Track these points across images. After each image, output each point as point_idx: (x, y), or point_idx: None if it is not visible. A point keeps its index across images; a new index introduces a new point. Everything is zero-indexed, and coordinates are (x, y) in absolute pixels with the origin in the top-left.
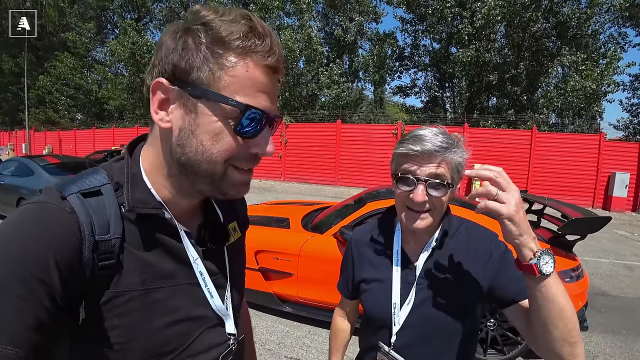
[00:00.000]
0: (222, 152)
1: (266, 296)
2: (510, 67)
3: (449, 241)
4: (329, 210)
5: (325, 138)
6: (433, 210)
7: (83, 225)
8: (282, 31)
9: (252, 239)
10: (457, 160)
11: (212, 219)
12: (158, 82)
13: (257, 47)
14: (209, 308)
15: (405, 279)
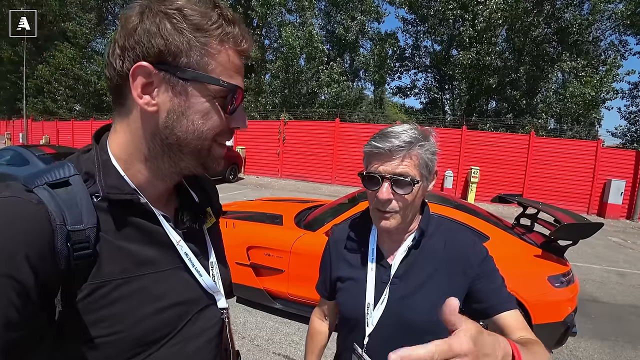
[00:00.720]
0: (211, 130)
1: (257, 292)
2: (511, 71)
3: (426, 242)
4: (323, 209)
5: (323, 136)
6: (401, 208)
7: (53, 215)
8: (283, 28)
9: (245, 235)
10: (424, 154)
11: (187, 202)
12: (140, 66)
13: (232, 35)
14: (198, 289)
15: (380, 278)
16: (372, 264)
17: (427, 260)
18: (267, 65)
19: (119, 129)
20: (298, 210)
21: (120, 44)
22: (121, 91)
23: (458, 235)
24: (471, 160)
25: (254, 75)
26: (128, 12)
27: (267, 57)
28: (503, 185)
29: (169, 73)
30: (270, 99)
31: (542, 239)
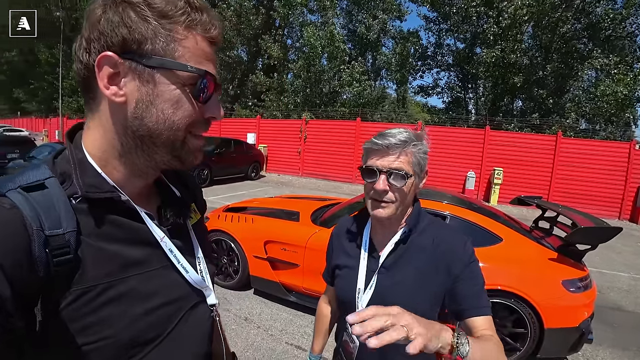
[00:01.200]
0: (183, 119)
1: (273, 285)
2: (537, 69)
3: (414, 237)
4: (339, 206)
5: (344, 135)
6: (395, 200)
7: (28, 220)
8: (305, 28)
9: (262, 230)
10: (417, 153)
11: (170, 199)
12: (105, 56)
13: (199, 20)
14: (187, 287)
15: (370, 267)
16: (365, 254)
17: (414, 255)
18: (289, 65)
19: (92, 125)
20: (315, 207)
21: (85, 37)
22: (90, 85)
23: (448, 234)
24: (494, 161)
25: (277, 75)
26: (92, 4)
27: (289, 57)
28: (527, 187)
29: (135, 61)
30: (292, 98)
31: (559, 243)
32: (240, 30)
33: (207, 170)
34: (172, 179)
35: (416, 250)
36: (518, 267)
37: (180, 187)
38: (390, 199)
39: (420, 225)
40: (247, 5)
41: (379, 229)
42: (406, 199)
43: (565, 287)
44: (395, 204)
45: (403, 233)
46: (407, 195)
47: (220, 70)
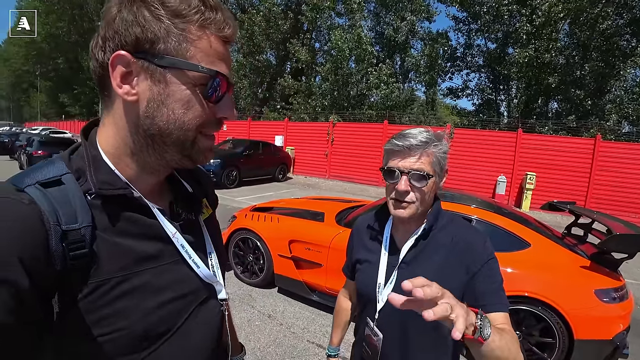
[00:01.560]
0: (194, 120)
1: (296, 283)
2: (575, 69)
3: (435, 234)
4: (364, 208)
5: (371, 138)
6: (416, 200)
7: (46, 215)
8: (332, 31)
9: (287, 229)
10: (437, 153)
11: (182, 194)
12: (118, 55)
13: (213, 19)
14: (197, 282)
15: (391, 262)
16: (385, 250)
17: (434, 251)
18: (317, 68)
19: (106, 122)
20: (340, 208)
21: (101, 35)
22: (105, 83)
23: (468, 232)
24: (527, 165)
25: (304, 78)
26: (109, 3)
27: (317, 60)
28: (562, 193)
29: (147, 61)
30: (319, 101)
31: (593, 250)
32: (269, 34)
33: (236, 171)
34: (184, 174)
35: (436, 246)
36: (547, 274)
37: (192, 182)
38: (411, 199)
39: (440, 222)
40: (275, 10)
41: (400, 226)
42: (427, 198)
43: (599, 297)
44: (416, 204)
45: (423, 230)
46: (427, 195)
47: (250, 74)
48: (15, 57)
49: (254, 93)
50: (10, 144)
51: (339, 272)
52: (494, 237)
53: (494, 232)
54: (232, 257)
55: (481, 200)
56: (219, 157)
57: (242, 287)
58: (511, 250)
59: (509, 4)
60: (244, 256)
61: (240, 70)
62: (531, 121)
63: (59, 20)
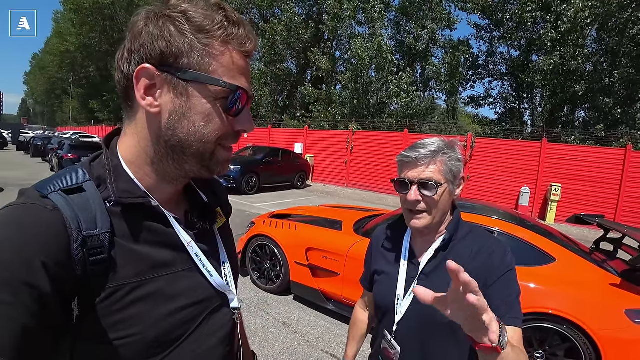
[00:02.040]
0: (213, 132)
1: (312, 292)
2: (603, 76)
3: (454, 245)
4: (383, 218)
5: (391, 147)
6: (430, 210)
7: (69, 221)
8: (353, 40)
9: (305, 237)
10: (448, 161)
11: (197, 203)
12: (143, 68)
13: (235, 35)
14: (210, 290)
15: (410, 274)
16: (405, 261)
17: (455, 259)
18: (337, 76)
19: (128, 132)
20: (358, 217)
21: (127, 48)
22: (129, 94)
23: (489, 242)
24: (552, 176)
25: (325, 87)
26: (136, 17)
27: (337, 69)
28: (589, 205)
29: (171, 74)
30: (339, 110)
31: (624, 267)
32: (290, 43)
33: (256, 178)
34: (200, 184)
35: (456, 257)
36: (572, 291)
37: (207, 192)
38: (423, 208)
39: (460, 233)
40: (297, 20)
41: (418, 237)
42: (440, 207)
43: (630, 318)
44: (429, 213)
45: (443, 240)
46: (441, 204)
47: (271, 82)
48: (50, 65)
49: (274, 101)
50: (43, 147)
51: (355, 282)
52: (516, 251)
53: (516, 245)
54: (250, 263)
55: (503, 211)
56: (239, 164)
57: (258, 293)
58: (534, 264)
59: (533, 10)
60: (261, 262)
61: (261, 79)
62: (557, 130)
63: (92, 31)
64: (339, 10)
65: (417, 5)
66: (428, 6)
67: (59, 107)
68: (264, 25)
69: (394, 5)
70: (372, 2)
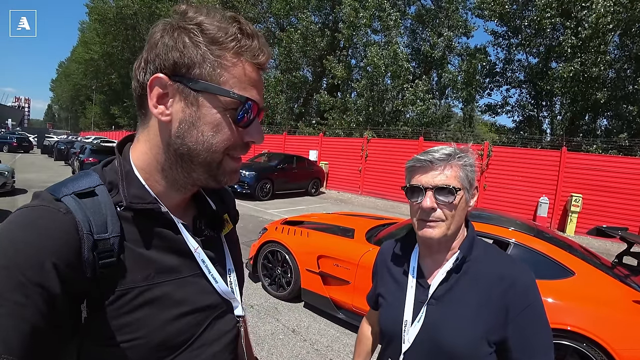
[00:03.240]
0: (221, 142)
1: (323, 300)
2: (626, 83)
3: (469, 267)
4: (396, 226)
5: (406, 155)
6: (445, 218)
7: (80, 224)
8: (368, 48)
9: (317, 244)
10: (463, 166)
11: (205, 210)
12: (157, 77)
13: (249, 47)
14: (216, 296)
15: (418, 297)
16: (413, 282)
17: (469, 287)
18: (352, 84)
19: (141, 139)
20: (371, 225)
21: (144, 57)
22: (143, 102)
23: (510, 266)
24: (572, 186)
25: (340, 94)
26: (153, 28)
27: (352, 76)
28: (612, 217)
29: (183, 84)
30: (354, 117)
31: None
32: (306, 51)
33: (270, 184)
34: (208, 191)
35: (471, 281)
36: (593, 307)
37: (215, 199)
38: (439, 217)
39: (475, 252)
40: (313, 28)
41: (427, 254)
42: (457, 217)
43: None
44: (445, 222)
45: (455, 260)
46: (457, 213)
47: (286, 89)
48: (75, 72)
49: (290, 108)
50: (66, 150)
51: (366, 291)
52: (533, 264)
53: (533, 258)
54: (261, 269)
55: (520, 222)
56: (254, 170)
57: (268, 300)
58: (552, 278)
59: (552, 16)
60: (272, 269)
61: (277, 86)
62: (577, 139)
63: (115, 40)
64: (354, 19)
65: (434, 12)
66: (444, 14)
67: (82, 113)
68: (280, 33)
69: (410, 13)
70: (388, 10)
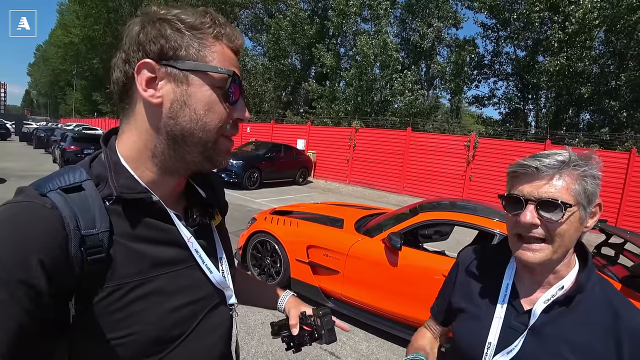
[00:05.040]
0: (214, 120)
1: (312, 289)
2: (609, 79)
3: (580, 301)
4: (384, 217)
5: (394, 145)
6: (550, 240)
7: (67, 220)
8: (358, 37)
9: (306, 234)
10: (580, 177)
11: (196, 200)
12: (144, 62)
13: (224, 32)
14: (210, 287)
15: (508, 321)
16: (503, 303)
17: (577, 326)
18: (341, 73)
19: (126, 130)
20: (360, 216)
21: (124, 49)
22: (127, 91)
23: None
24: None
25: (329, 83)
26: (130, 23)
27: (341, 65)
28: None
29: (170, 66)
30: (343, 106)
31: (625, 273)
32: (294, 39)
33: (258, 173)
34: (198, 180)
35: (581, 320)
36: None
37: (206, 188)
38: (540, 235)
39: (589, 285)
40: (302, 16)
41: (526, 274)
42: (566, 239)
43: None
44: (550, 244)
45: (562, 287)
46: (566, 234)
47: (274, 77)
48: (54, 57)
49: (278, 96)
50: (46, 138)
51: (355, 281)
52: None
53: None
54: (250, 259)
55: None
56: (242, 159)
57: None
58: None
59: (541, 10)
60: (261, 259)
61: (265, 74)
62: (561, 132)
63: (96, 24)
64: (344, 7)
65: (424, 2)
66: (434, 4)
67: (62, 99)
68: (268, 20)
69: (400, 3)
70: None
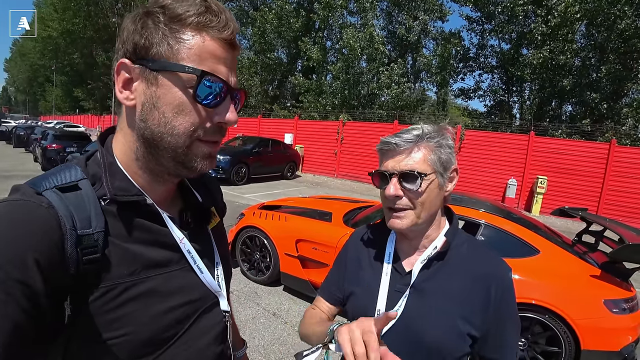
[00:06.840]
0: (183, 124)
1: (302, 282)
2: (590, 71)
3: (451, 256)
4: (371, 209)
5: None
6: (413, 206)
7: (63, 220)
8: (344, 30)
9: (295, 228)
10: (435, 148)
11: (192, 203)
12: (121, 63)
13: (212, 22)
14: (203, 289)
15: (394, 286)
16: (388, 269)
17: (450, 278)
18: (328, 66)
19: (117, 130)
20: (348, 209)
21: (117, 47)
22: None
23: (490, 260)
24: (538, 169)
25: (315, 77)
26: (125, 18)
27: (328, 59)
28: (574, 198)
29: (143, 65)
30: (330, 100)
31: (604, 259)
32: (280, 32)
33: (245, 168)
34: (195, 182)
35: (453, 271)
36: (555, 282)
37: (202, 191)
38: (405, 205)
39: (457, 241)
40: (287, 8)
41: (404, 240)
42: (427, 204)
43: (608, 307)
44: (414, 211)
45: (435, 247)
46: (427, 200)
47: (261, 71)
48: (32, 52)
49: (264, 90)
50: (26, 136)
51: None
52: (503, 243)
53: (502, 238)
54: (239, 254)
55: (490, 204)
56: (229, 154)
57: (248, 284)
58: (520, 256)
59: (524, 4)
60: (251, 254)
61: (251, 68)
62: (544, 124)
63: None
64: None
65: None
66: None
67: (42, 96)
68: (254, 13)
69: None
70: None
